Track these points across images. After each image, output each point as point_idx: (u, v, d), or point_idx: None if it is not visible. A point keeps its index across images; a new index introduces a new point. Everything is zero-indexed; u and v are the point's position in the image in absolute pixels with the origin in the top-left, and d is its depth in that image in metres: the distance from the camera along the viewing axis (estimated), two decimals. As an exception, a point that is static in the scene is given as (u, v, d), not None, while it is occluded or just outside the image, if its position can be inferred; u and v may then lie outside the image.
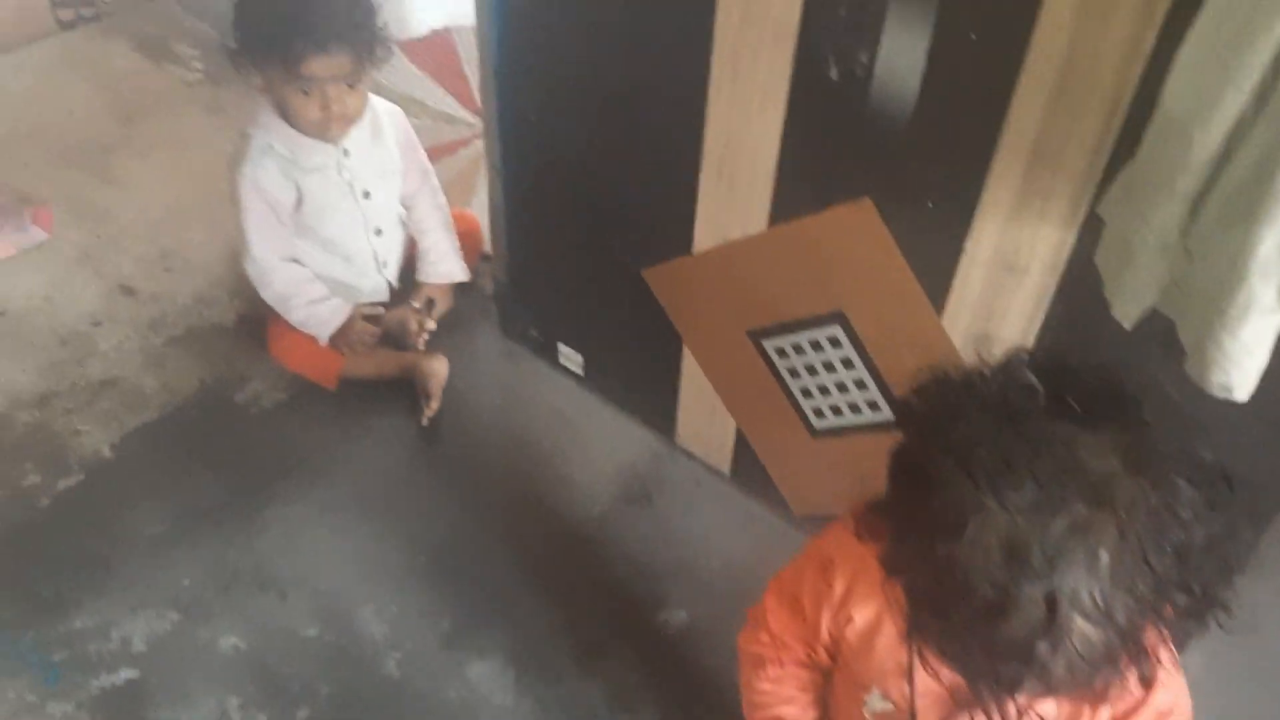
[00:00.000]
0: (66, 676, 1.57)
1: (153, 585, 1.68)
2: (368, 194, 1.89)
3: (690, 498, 1.86)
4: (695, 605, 1.70)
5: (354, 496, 1.83)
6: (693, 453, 1.90)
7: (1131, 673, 0.81)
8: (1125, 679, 0.81)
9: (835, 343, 1.51)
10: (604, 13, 1.48)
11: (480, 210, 2.19)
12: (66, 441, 1.87)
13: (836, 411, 1.58)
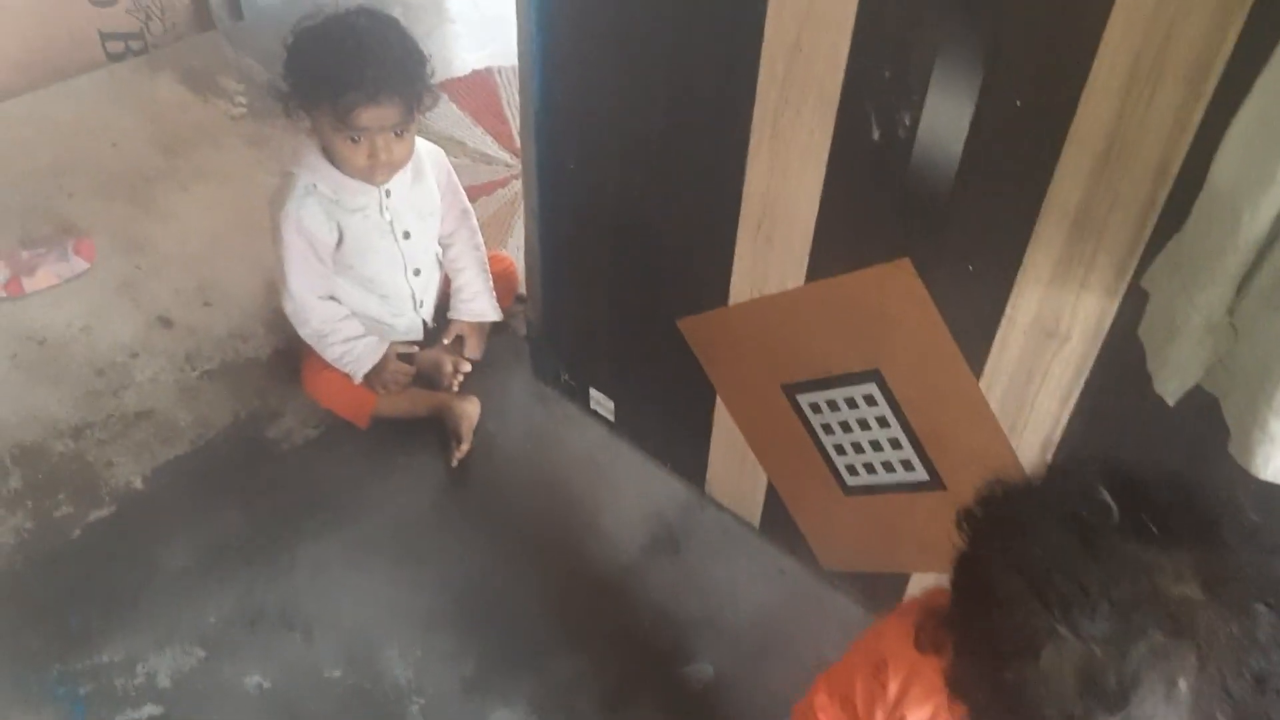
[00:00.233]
0: (92, 711, 1.57)
1: (180, 620, 1.68)
2: (408, 234, 1.90)
3: (719, 549, 1.84)
4: (721, 659, 1.68)
5: (382, 536, 1.83)
6: (722, 503, 1.89)
7: None
8: None
9: (870, 400, 1.50)
10: (647, 63, 1.48)
11: (516, 252, 2.20)
12: (99, 473, 1.88)
13: (870, 470, 1.57)
